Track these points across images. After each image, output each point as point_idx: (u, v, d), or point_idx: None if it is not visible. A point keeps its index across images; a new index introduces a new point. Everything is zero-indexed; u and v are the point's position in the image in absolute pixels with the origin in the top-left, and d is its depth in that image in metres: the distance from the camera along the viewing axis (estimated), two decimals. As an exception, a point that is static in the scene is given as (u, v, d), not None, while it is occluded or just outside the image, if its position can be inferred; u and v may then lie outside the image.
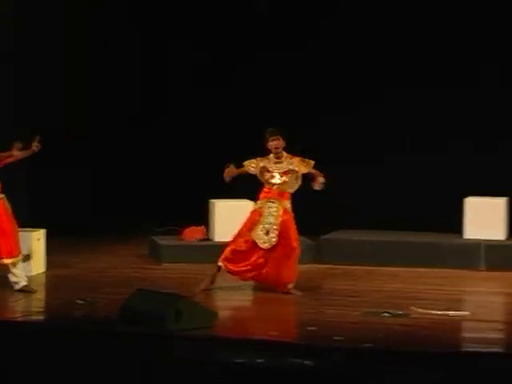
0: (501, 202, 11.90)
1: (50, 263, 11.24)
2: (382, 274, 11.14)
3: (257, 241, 9.72)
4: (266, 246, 9.68)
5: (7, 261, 10.16)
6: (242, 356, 7.54)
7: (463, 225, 11.92)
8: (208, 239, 12.23)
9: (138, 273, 11.28)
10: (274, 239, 9.67)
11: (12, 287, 10.16)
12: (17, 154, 10.46)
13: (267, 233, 9.72)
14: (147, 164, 14.74)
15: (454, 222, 12.17)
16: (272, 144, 9.74)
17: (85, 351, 7.92)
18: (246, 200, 11.75)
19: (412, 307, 8.98)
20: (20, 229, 10.66)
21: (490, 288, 10.71)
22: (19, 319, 9.18)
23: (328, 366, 7.27)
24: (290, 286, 9.71)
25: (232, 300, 9.81)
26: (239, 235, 9.83)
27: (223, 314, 8.97)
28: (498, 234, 11.86)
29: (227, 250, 9.79)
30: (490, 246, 11.64)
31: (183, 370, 7.40)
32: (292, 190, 9.86)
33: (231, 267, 9.85)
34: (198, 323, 8.32)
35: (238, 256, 9.85)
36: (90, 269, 11.53)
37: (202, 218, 12.58)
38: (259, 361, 7.47)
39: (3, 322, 9.07)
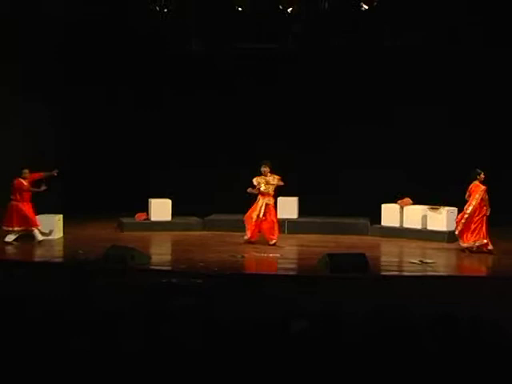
0: (294, 199, 14.65)
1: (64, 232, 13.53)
2: (233, 236, 13.48)
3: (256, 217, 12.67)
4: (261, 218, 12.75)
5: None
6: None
7: (278, 210, 13.79)
8: (148, 219, 14.89)
9: (112, 236, 13.53)
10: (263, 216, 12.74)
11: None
12: (44, 174, 12.91)
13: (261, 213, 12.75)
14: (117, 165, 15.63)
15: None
16: (264, 170, 12.83)
17: (85, 279, 9.19)
18: (166, 199, 14.59)
19: (251, 252, 11.88)
20: (48, 214, 13.15)
21: (291, 244, 13.18)
22: (49, 260, 11.53)
23: (209, 284, 9.44)
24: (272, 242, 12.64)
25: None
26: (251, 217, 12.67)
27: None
28: (294, 215, 14.68)
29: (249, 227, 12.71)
30: (289, 222, 14.46)
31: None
32: (272, 192, 12.85)
33: (250, 234, 12.85)
34: (142, 261, 10.94)
35: (251, 226, 12.83)
36: (84, 235, 13.83)
37: (146, 207, 14.86)
38: (197, 281, 9.33)
39: (39, 262, 11.54)
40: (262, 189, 12.74)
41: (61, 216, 13.63)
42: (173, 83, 15.51)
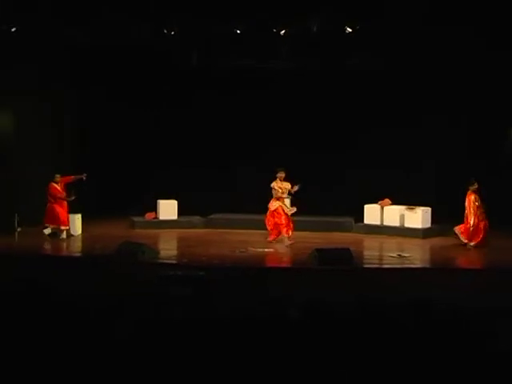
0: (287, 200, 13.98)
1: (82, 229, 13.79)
2: (233, 234, 13.78)
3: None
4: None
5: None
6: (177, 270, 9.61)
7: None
8: (157, 218, 15.10)
9: (124, 233, 13.71)
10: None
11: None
12: (74, 178, 13.11)
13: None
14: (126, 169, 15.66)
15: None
16: (280, 175, 12.79)
17: (99, 270, 10.16)
18: (172, 200, 14.78)
19: (249, 247, 11.90)
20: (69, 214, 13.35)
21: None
22: (70, 255, 12.16)
23: (210, 276, 9.34)
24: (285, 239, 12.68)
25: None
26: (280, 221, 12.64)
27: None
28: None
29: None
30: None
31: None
32: (285, 196, 12.90)
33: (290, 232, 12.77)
34: (152, 257, 11.18)
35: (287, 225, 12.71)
36: (100, 232, 13.98)
37: (155, 207, 15.06)
38: (200, 273, 9.25)
39: (62, 256, 11.92)
40: (281, 193, 12.82)
41: (79, 215, 13.86)
42: (177, 91, 15.71)
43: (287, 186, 12.85)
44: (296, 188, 12.57)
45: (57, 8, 12.65)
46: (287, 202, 13.30)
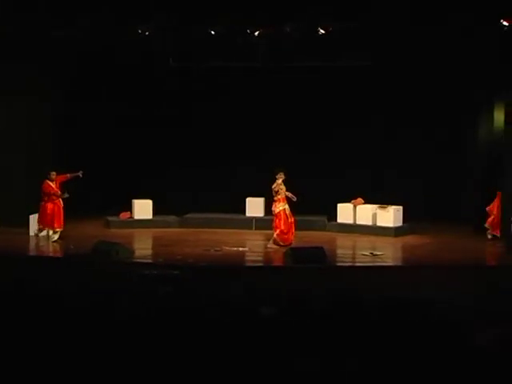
0: (261, 200, 14.62)
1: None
2: (208, 233, 13.72)
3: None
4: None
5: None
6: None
7: (246, 209, 14.58)
8: (131, 217, 15.04)
9: (100, 233, 13.56)
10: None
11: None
12: (69, 176, 12.80)
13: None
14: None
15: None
16: (282, 177, 12.44)
17: (76, 269, 10.21)
18: (147, 200, 14.74)
19: (223, 246, 11.91)
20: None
21: (259, 239, 13.40)
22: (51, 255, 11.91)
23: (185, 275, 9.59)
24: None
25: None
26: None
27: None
28: (261, 213, 14.74)
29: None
30: (257, 219, 14.65)
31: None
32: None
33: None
34: (126, 256, 11.15)
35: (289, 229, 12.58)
36: (75, 232, 13.66)
37: (130, 207, 14.99)
38: (175, 272, 9.45)
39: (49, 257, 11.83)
40: (285, 194, 12.57)
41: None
42: (160, 92, 15.64)
43: (283, 187, 12.53)
44: (291, 196, 12.34)
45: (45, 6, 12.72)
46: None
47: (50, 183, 12.68)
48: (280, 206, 12.55)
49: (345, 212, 14.57)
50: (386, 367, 4.22)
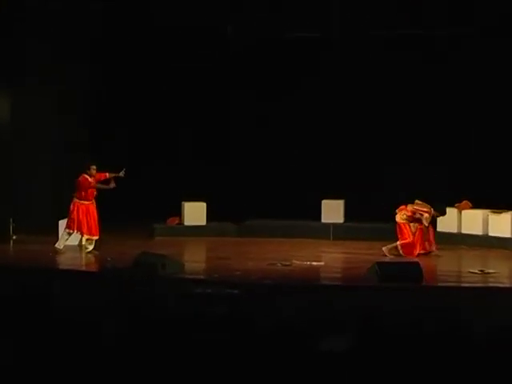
0: (341, 203, 15.00)
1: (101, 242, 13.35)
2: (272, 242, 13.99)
3: None
4: None
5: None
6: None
7: (322, 214, 14.81)
8: (181, 223, 15.19)
9: (143, 242, 13.65)
10: None
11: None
12: (109, 175, 12.92)
13: None
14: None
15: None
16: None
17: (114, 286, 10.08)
18: (200, 202, 14.88)
19: (293, 260, 12.03)
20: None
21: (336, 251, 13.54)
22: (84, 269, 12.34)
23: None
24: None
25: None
26: None
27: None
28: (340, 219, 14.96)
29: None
30: (335, 226, 14.75)
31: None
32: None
33: None
34: (174, 270, 10.99)
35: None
36: (115, 242, 13.73)
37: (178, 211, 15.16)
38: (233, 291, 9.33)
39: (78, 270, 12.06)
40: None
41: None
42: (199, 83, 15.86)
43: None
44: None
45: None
46: None
47: (88, 177, 12.72)
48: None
49: (446, 218, 13.94)
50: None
